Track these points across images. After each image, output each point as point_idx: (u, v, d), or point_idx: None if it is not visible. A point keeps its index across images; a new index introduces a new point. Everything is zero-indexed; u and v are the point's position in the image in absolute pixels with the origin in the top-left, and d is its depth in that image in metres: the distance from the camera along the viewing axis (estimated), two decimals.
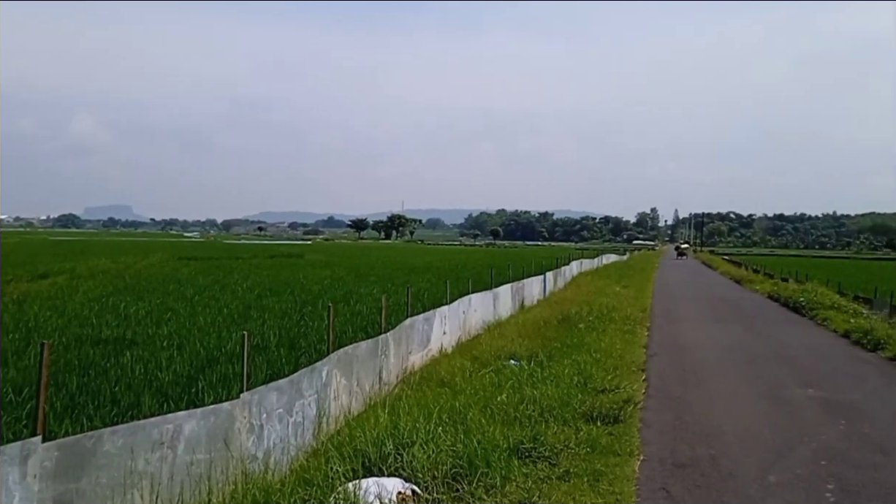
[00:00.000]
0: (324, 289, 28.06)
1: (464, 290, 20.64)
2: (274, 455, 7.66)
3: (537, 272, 32.16)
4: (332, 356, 9.81)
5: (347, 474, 7.16)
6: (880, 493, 7.91)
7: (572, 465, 8.30)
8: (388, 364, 12.27)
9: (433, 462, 7.54)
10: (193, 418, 6.49)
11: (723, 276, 58.93)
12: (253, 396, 7.42)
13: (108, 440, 5.57)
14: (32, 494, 4.96)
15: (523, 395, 10.98)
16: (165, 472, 6.03)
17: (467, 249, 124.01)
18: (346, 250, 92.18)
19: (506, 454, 8.16)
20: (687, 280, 53.28)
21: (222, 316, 18.56)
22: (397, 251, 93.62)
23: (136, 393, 10.11)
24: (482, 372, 13.18)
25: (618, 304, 26.68)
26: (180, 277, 32.63)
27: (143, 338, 14.80)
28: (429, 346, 15.12)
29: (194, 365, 12.16)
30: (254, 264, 47.05)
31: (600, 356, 15.06)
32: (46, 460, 5.07)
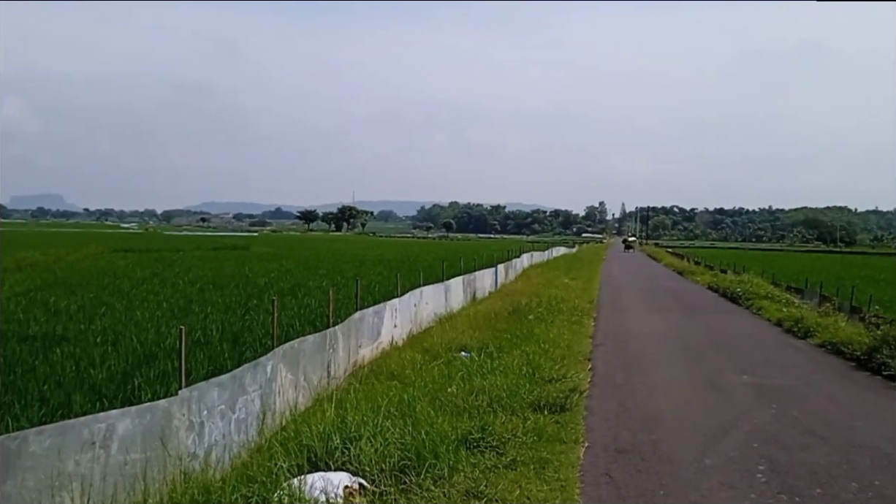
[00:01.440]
0: (270, 282, 27.60)
1: (415, 282, 20.53)
2: (216, 452, 7.40)
3: (489, 265, 32.27)
4: (278, 350, 9.56)
5: (292, 470, 6.99)
6: (808, 472, 8.22)
7: (519, 453, 8.32)
8: (336, 358, 12.05)
9: (381, 455, 7.44)
10: (128, 417, 6.20)
11: (666, 268, 60.22)
12: (192, 393, 7.14)
13: (35, 441, 5.27)
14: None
15: (473, 387, 10.97)
16: (97, 472, 5.74)
17: (420, 242, 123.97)
18: (294, 242, 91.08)
19: (454, 445, 8.12)
20: (632, 272, 54.25)
21: (161, 310, 18.05)
22: (348, 243, 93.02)
23: (67, 392, 9.69)
24: (432, 364, 13.10)
25: (566, 295, 26.97)
26: (116, 270, 31.69)
27: (74, 334, 14.25)
28: (379, 339, 14.94)
29: (130, 362, 11.74)
30: (196, 256, 46.08)
31: (548, 346, 15.16)
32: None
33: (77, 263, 36.71)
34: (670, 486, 7.66)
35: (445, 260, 29.12)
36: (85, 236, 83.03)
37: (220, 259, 43.99)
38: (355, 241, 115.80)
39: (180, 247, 59.46)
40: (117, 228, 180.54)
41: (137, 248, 54.95)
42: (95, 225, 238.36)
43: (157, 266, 34.99)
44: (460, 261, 29.22)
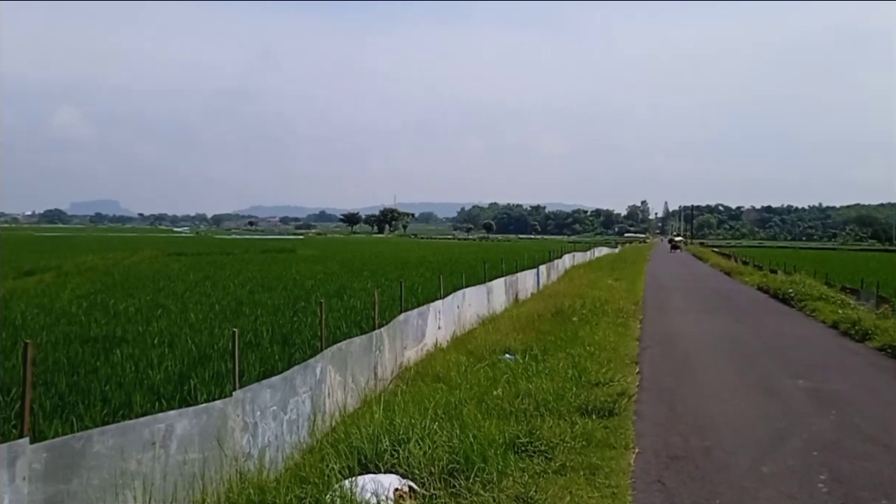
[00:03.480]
0: (316, 284, 27.93)
1: (458, 284, 20.58)
2: (269, 453, 7.57)
3: (530, 266, 32.14)
4: (326, 352, 9.72)
5: (344, 471, 7.10)
6: (872, 483, 7.94)
7: (568, 459, 8.29)
8: (382, 359, 12.19)
9: (429, 458, 7.49)
10: (185, 417, 6.39)
11: (713, 268, 59.16)
12: (246, 394, 7.32)
13: (98, 441, 5.47)
14: (22, 497, 4.86)
15: (519, 390, 10.97)
16: (158, 471, 5.94)
17: (460, 243, 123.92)
18: (338, 244, 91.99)
19: (502, 449, 8.14)
20: (678, 272, 53.43)
21: (214, 312, 18.41)
22: (390, 245, 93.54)
23: (127, 392, 9.98)
24: (477, 366, 13.14)
25: (610, 296, 26.71)
26: (170, 273, 32.39)
27: (133, 335, 14.62)
28: (423, 340, 15.05)
29: (186, 363, 12.02)
30: (245, 259, 46.86)
31: (594, 349, 15.06)
32: (35, 462, 4.97)
33: (133, 267, 37.66)
34: (726, 495, 7.49)
35: (486, 261, 29.09)
36: (140, 241, 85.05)
37: (267, 262, 44.66)
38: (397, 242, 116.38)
39: (230, 250, 60.48)
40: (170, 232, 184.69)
41: (190, 251, 56.09)
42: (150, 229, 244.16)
43: (209, 269, 35.67)
44: (502, 262, 29.19)
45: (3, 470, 4.74)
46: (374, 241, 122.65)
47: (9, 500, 4.76)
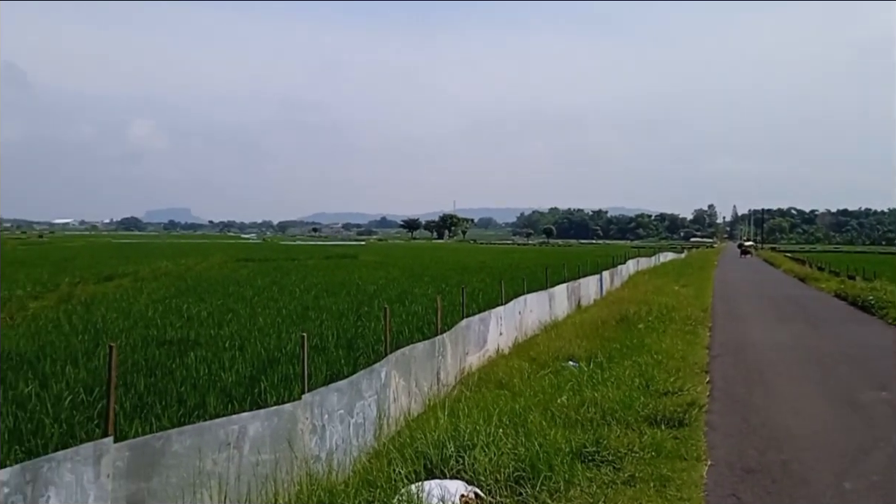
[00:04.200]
0: (379, 289, 28.23)
1: (519, 290, 20.49)
2: (336, 456, 7.69)
3: (593, 271, 31.76)
4: (391, 357, 9.82)
5: (410, 476, 7.14)
6: None
7: (637, 469, 8.12)
8: (445, 365, 12.24)
9: (495, 465, 7.47)
10: (257, 419, 6.55)
11: (786, 274, 57.17)
12: (314, 397, 7.46)
13: (177, 440, 5.65)
14: (106, 493, 5.06)
15: (584, 398, 10.83)
16: (232, 472, 6.10)
17: (520, 248, 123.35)
18: (399, 250, 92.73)
19: (569, 458, 8.04)
20: (748, 278, 51.89)
21: (281, 317, 18.81)
22: (450, 251, 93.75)
23: (202, 393, 10.30)
24: (540, 373, 13.06)
25: (677, 303, 26.15)
26: (239, 279, 33.25)
27: (206, 338, 15.08)
28: (485, 346, 15.04)
29: (256, 365, 12.33)
30: (310, 265, 47.68)
31: (662, 357, 14.77)
32: (118, 460, 5.17)
33: (205, 272, 38.77)
34: None
35: (548, 266, 28.85)
36: (210, 247, 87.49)
37: (331, 267, 45.36)
38: (457, 248, 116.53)
39: (295, 256, 61.66)
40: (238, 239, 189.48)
41: (257, 257, 57.40)
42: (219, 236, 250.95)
43: (276, 274, 36.45)
44: (563, 267, 28.95)
45: (89, 467, 4.94)
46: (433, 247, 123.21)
47: (94, 497, 4.96)
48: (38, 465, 4.64)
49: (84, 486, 4.89)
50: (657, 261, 65.06)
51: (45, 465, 4.68)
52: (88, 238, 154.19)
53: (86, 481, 4.91)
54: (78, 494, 4.84)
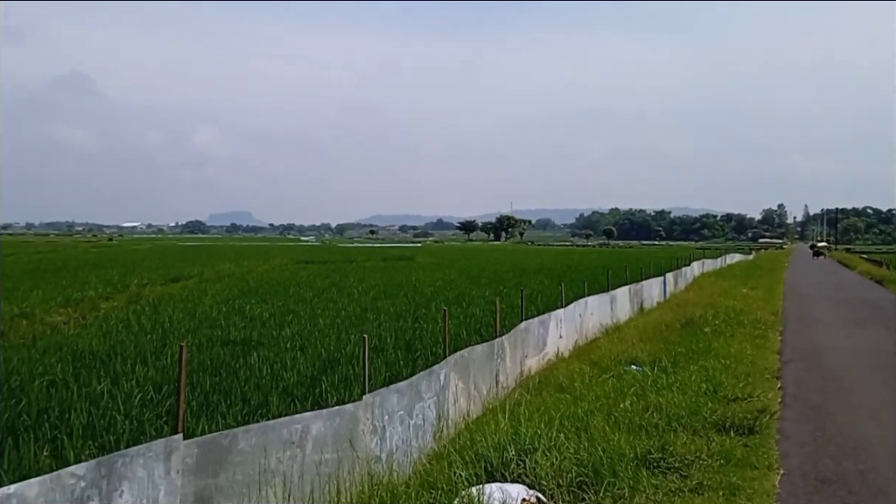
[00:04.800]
0: (436, 291, 28.28)
1: (579, 292, 20.23)
2: (396, 457, 7.70)
3: (656, 273, 31.14)
4: (450, 359, 9.79)
5: (470, 479, 7.10)
6: None
7: (705, 477, 7.90)
8: (504, 368, 12.15)
9: (557, 469, 7.36)
10: (320, 419, 6.60)
11: (862, 276, 54.86)
12: (375, 398, 7.48)
13: (243, 438, 5.74)
14: (176, 489, 5.17)
15: (648, 403, 10.65)
16: (296, 470, 6.16)
17: (580, 250, 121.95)
18: (455, 252, 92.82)
19: (633, 464, 7.89)
20: (821, 280, 50.04)
21: (340, 318, 19.01)
22: (507, 252, 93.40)
23: (265, 392, 10.47)
24: (602, 377, 12.86)
25: (746, 306, 25.42)
26: (299, 280, 33.75)
27: (268, 339, 15.34)
28: (545, 349, 14.89)
29: (317, 366, 12.47)
30: (367, 267, 48.12)
31: (730, 362, 14.37)
32: (187, 457, 5.28)
33: (266, 274, 39.50)
34: None
35: (608, 268, 28.40)
36: (271, 249, 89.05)
37: (388, 269, 45.67)
38: (514, 250, 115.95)
39: (353, 258, 62.30)
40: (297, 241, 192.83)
41: (316, 259, 58.25)
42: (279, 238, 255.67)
43: (334, 276, 36.90)
44: (625, 269, 28.47)
45: (160, 463, 5.06)
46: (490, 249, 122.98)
47: (164, 492, 5.07)
48: (113, 461, 4.78)
49: (155, 482, 5.01)
50: (723, 262, 63.38)
51: (119, 460, 4.82)
52: (155, 241, 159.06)
53: (157, 477, 5.03)
54: (149, 489, 4.97)
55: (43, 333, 16.96)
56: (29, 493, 4.19)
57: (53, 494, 4.32)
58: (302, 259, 57.84)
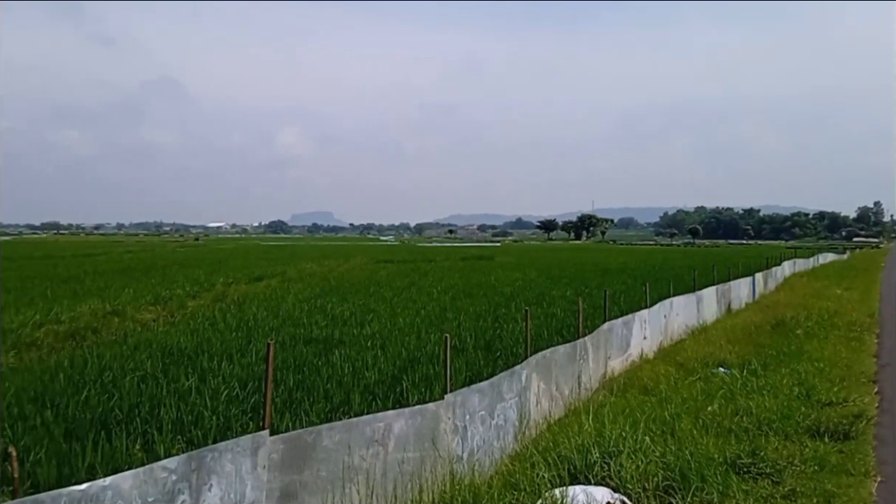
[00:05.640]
0: (516, 291, 28.11)
1: (663, 292, 19.79)
2: (478, 457, 7.69)
3: (744, 273, 30.14)
4: (531, 360, 9.71)
5: (553, 480, 7.01)
6: None
7: (798, 483, 7.59)
8: (587, 369, 11.97)
9: (642, 473, 7.20)
10: (402, 417, 6.64)
11: None
12: (456, 398, 7.49)
13: (327, 436, 5.83)
14: (262, 484, 5.28)
15: (737, 406, 10.39)
16: (378, 468, 6.22)
17: (664, 249, 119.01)
18: (535, 252, 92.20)
19: (722, 468, 7.66)
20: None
21: (420, 318, 19.11)
22: (588, 252, 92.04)
23: (347, 390, 10.61)
24: (689, 380, 12.56)
25: (840, 308, 24.30)
26: (379, 280, 34.18)
27: (349, 337, 15.55)
28: (628, 351, 14.61)
29: (397, 365, 12.57)
30: (446, 266, 48.29)
31: (823, 365, 13.76)
32: (274, 452, 5.39)
33: (346, 273, 40.17)
34: None
35: (694, 268, 27.61)
36: (351, 249, 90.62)
37: (467, 269, 45.70)
38: (595, 249, 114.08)
39: (431, 257, 62.64)
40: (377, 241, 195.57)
41: (395, 258, 58.90)
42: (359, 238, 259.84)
43: (414, 276, 37.19)
44: (712, 269, 27.62)
45: (247, 458, 5.18)
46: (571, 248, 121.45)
47: (251, 487, 5.20)
48: (202, 455, 4.91)
49: (242, 477, 5.13)
50: (816, 262, 60.73)
51: (209, 454, 4.95)
52: (239, 241, 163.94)
53: (244, 472, 5.15)
54: (237, 484, 5.09)
55: (133, 330, 17.62)
56: (123, 485, 4.33)
57: (146, 487, 4.45)
58: (381, 258, 58.56)
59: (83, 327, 17.49)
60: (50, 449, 7.92)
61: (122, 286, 26.70)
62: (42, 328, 16.51)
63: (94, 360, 12.70)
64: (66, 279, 30.78)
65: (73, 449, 7.93)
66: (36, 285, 27.28)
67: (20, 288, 25.94)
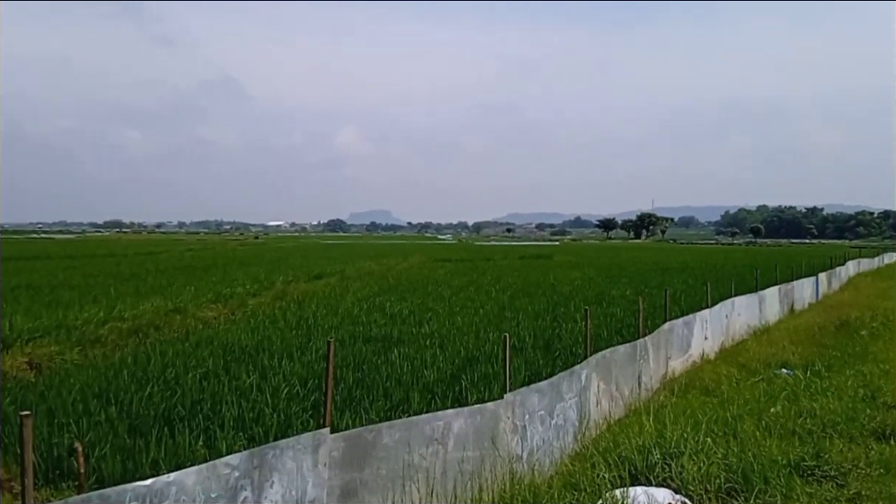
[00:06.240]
0: (575, 290, 27.88)
1: (724, 292, 19.43)
2: (537, 456, 7.70)
3: (807, 273, 29.34)
4: (591, 360, 9.67)
5: (614, 481, 6.98)
6: None
7: (864, 487, 7.37)
8: (647, 369, 11.86)
9: (704, 474, 7.11)
10: (461, 416, 6.71)
11: None
12: (515, 397, 7.52)
13: (387, 434, 5.92)
14: (323, 481, 5.40)
15: (800, 408, 10.14)
16: (438, 467, 6.29)
17: (725, 248, 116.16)
18: (594, 251, 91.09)
19: (785, 471, 7.50)
20: None
21: (478, 316, 19.13)
22: (648, 251, 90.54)
23: (405, 389, 10.72)
24: (751, 381, 12.33)
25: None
26: (437, 278, 34.27)
27: (408, 336, 15.64)
28: (689, 351, 14.40)
29: (455, 364, 12.63)
30: (504, 265, 48.15)
31: (889, 367, 13.27)
32: (334, 450, 5.50)
33: (405, 272, 40.34)
34: None
35: (757, 268, 26.92)
36: (409, 247, 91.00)
37: (525, 268, 45.49)
38: (655, 248, 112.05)
39: (489, 256, 62.49)
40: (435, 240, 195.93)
41: (453, 257, 58.89)
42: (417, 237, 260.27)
43: (472, 274, 37.18)
44: (775, 269, 26.91)
45: (308, 456, 5.30)
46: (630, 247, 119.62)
47: (312, 484, 5.31)
48: (264, 452, 5.02)
49: (304, 474, 5.24)
50: (881, 262, 58.51)
51: (270, 451, 5.06)
52: (298, 239, 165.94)
53: (305, 469, 5.25)
54: (298, 481, 5.18)
55: (195, 328, 18.00)
56: (187, 481, 4.42)
57: (209, 483, 4.54)
58: (439, 257, 58.67)
59: (146, 324, 17.83)
60: (114, 444, 8.15)
61: (183, 284, 27.18)
62: (106, 325, 16.84)
63: (157, 357, 13.03)
64: (129, 277, 31.52)
65: (137, 444, 8.16)
66: (100, 283, 28.02)
67: (84, 285, 26.64)
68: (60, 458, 7.83)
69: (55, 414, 9.34)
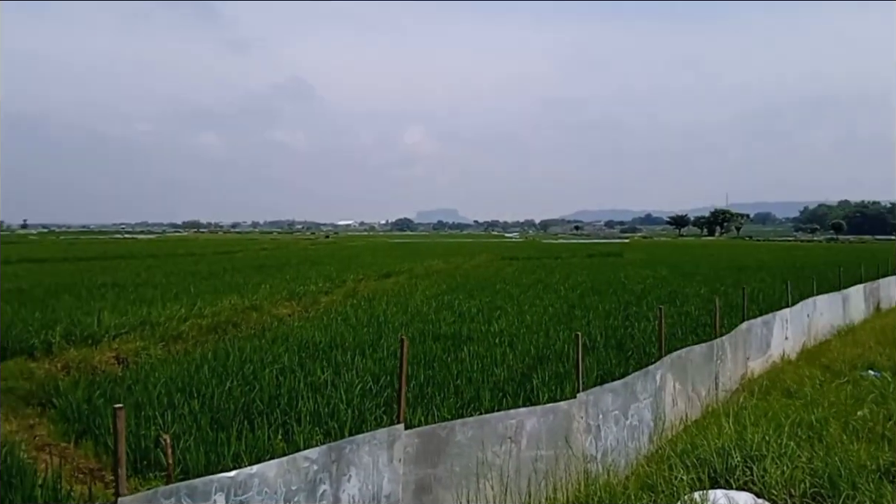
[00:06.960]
0: (646, 288, 27.32)
1: (805, 291, 18.72)
2: (612, 457, 7.58)
3: (895, 271, 27.92)
4: (665, 360, 9.46)
5: (692, 483, 6.81)
6: None
7: None
8: (724, 369, 11.52)
9: (788, 479, 6.87)
10: (534, 415, 6.66)
11: None
12: (588, 397, 7.42)
13: (460, 431, 5.93)
14: (398, 476, 5.45)
15: (889, 411, 9.74)
16: (511, 465, 6.26)
17: (804, 245, 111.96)
18: (665, 248, 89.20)
19: (874, 476, 7.16)
20: None
21: (548, 315, 18.95)
22: (723, 248, 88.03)
23: (476, 387, 10.69)
24: (835, 383, 11.82)
25: None
26: (505, 277, 34.17)
27: (477, 334, 15.62)
28: (769, 351, 13.92)
29: (526, 362, 12.54)
30: (573, 263, 47.63)
31: None
32: (409, 446, 5.54)
33: (472, 270, 40.43)
34: None
35: (839, 265, 25.81)
36: (476, 246, 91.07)
37: (595, 266, 44.90)
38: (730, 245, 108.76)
39: (557, 254, 61.96)
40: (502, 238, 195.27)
41: (520, 256, 58.61)
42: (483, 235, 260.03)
43: (540, 273, 36.93)
44: (860, 267, 25.75)
45: (384, 451, 5.36)
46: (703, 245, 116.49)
47: (388, 479, 5.37)
48: (342, 447, 5.12)
49: (379, 469, 5.31)
50: None
51: (347, 446, 5.15)
52: (367, 238, 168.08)
53: (381, 464, 5.33)
54: (374, 476, 5.26)
55: (271, 325, 18.43)
56: (268, 473, 4.56)
57: (290, 476, 4.67)
58: (507, 255, 58.47)
59: (224, 321, 18.39)
60: (197, 437, 8.42)
61: (258, 282, 27.82)
62: (187, 322, 17.47)
63: (236, 353, 13.40)
64: (207, 275, 32.56)
65: (219, 437, 8.38)
66: (180, 281, 29.03)
67: (166, 283, 27.66)
68: (147, 449, 8.14)
69: (142, 407, 9.69)
